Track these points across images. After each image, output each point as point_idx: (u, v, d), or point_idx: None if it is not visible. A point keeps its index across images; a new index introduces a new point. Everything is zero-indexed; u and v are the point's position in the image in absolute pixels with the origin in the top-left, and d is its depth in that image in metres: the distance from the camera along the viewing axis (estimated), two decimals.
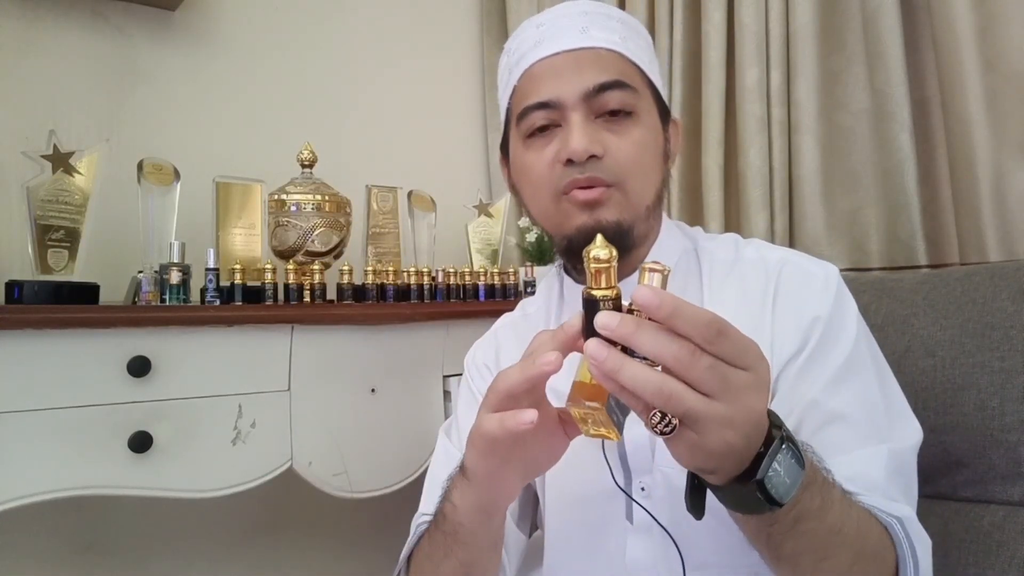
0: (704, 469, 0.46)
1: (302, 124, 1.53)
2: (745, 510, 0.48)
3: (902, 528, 0.58)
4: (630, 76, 0.70)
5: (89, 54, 1.32)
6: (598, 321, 0.43)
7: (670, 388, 0.41)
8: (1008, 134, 1.05)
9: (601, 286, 0.44)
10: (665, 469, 0.67)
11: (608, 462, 0.65)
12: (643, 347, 0.42)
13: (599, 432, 0.47)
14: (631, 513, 0.69)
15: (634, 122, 0.70)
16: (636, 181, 0.69)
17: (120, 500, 1.16)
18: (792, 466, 0.46)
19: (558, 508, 0.74)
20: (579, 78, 0.68)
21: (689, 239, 0.78)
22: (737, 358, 0.43)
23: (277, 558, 1.49)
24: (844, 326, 0.67)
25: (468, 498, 0.59)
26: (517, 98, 0.73)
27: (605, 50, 0.70)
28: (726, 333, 0.42)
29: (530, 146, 0.72)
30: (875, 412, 0.64)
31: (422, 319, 1.27)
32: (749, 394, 0.43)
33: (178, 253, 1.09)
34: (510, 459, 0.55)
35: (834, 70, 1.28)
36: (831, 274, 0.70)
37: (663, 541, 0.64)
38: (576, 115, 0.68)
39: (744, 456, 0.45)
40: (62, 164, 1.05)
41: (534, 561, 0.79)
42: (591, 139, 0.67)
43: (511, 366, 0.51)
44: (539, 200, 0.73)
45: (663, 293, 0.42)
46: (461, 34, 1.86)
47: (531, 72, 0.71)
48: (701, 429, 0.42)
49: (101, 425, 0.96)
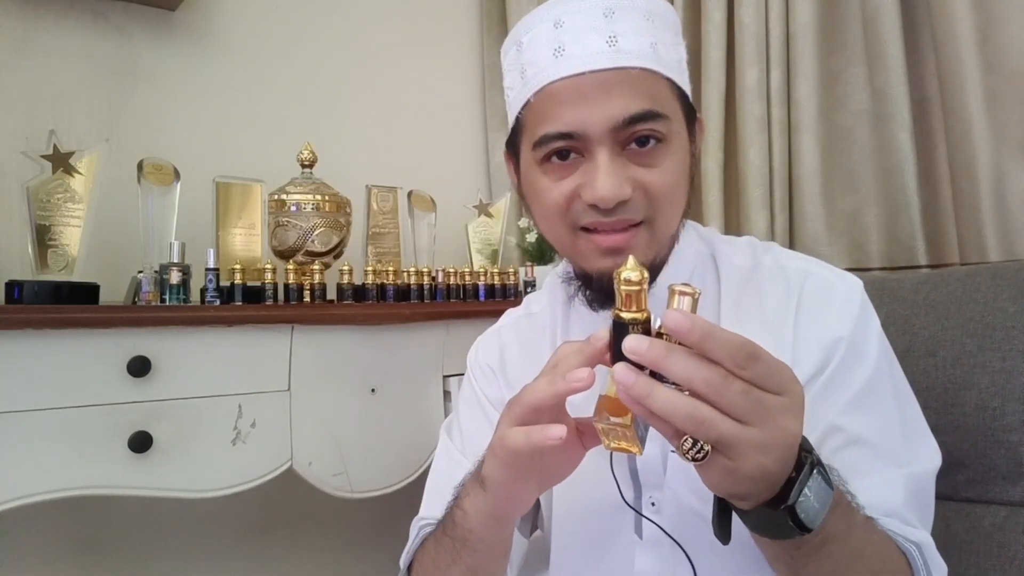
0: (736, 495, 0.46)
1: (302, 124, 1.53)
2: (773, 535, 0.47)
3: (920, 555, 0.58)
4: (661, 99, 0.63)
5: (89, 54, 1.32)
6: (627, 346, 0.42)
7: (702, 414, 0.40)
8: (1008, 134, 1.05)
9: (631, 309, 0.44)
10: (676, 486, 0.65)
11: (616, 478, 0.63)
12: (674, 372, 0.41)
13: (620, 446, 0.47)
14: (640, 527, 0.67)
15: (665, 151, 0.63)
16: (665, 215, 0.64)
17: (120, 500, 1.16)
18: (821, 490, 0.45)
19: (566, 519, 0.73)
20: (606, 107, 0.60)
21: (705, 243, 0.75)
22: (770, 382, 0.42)
23: (277, 558, 1.49)
24: (866, 347, 0.65)
25: (482, 506, 0.58)
26: (533, 117, 0.65)
27: (637, 70, 0.61)
28: (758, 357, 0.42)
29: (546, 172, 0.65)
30: (894, 436, 0.63)
31: (422, 319, 1.27)
32: (784, 417, 0.42)
33: (178, 253, 1.09)
34: (529, 470, 0.54)
35: (834, 70, 1.28)
36: (854, 289, 0.67)
37: (673, 556, 0.63)
38: (602, 152, 0.61)
39: (777, 480, 0.44)
40: (62, 164, 1.05)
41: (537, 564, 0.78)
42: (620, 182, 0.60)
43: (538, 380, 0.50)
44: (553, 227, 0.67)
45: (694, 317, 0.41)
46: (461, 34, 1.86)
47: (550, 91, 0.63)
48: (735, 455, 0.41)
49: (101, 425, 0.96)
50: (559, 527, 0.74)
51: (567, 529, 0.73)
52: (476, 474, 0.59)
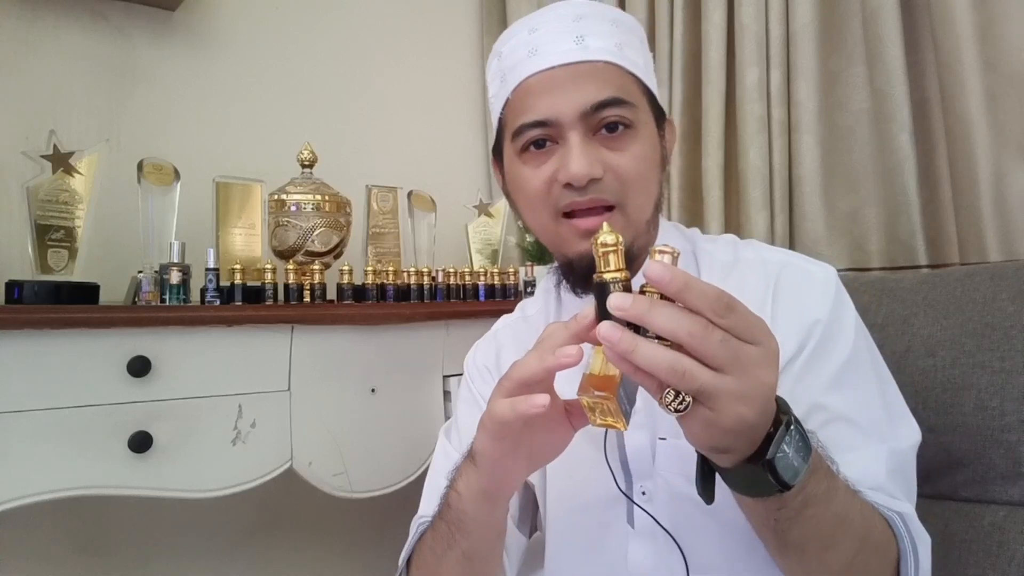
0: (718, 448, 0.47)
1: (302, 124, 1.53)
2: (754, 492, 0.49)
3: (903, 523, 0.59)
4: (628, 90, 0.69)
5: (89, 54, 1.33)
6: (611, 302, 0.43)
7: (684, 365, 0.42)
8: (1008, 134, 1.05)
9: (610, 268, 0.45)
10: (666, 474, 0.67)
11: (610, 466, 0.66)
12: (657, 323, 0.42)
13: (606, 422, 0.48)
14: (632, 517, 0.69)
15: (632, 136, 0.68)
16: (637, 198, 0.68)
17: (120, 500, 1.16)
18: (800, 448, 0.47)
19: (559, 512, 0.74)
20: (576, 95, 0.66)
21: (687, 241, 0.78)
22: (747, 332, 0.43)
23: (277, 558, 1.49)
24: (843, 328, 0.67)
25: (474, 484, 0.59)
26: (511, 112, 0.72)
27: (602, 63, 0.68)
28: (735, 307, 0.43)
29: (526, 161, 0.70)
30: (874, 413, 0.65)
31: (422, 319, 1.27)
32: (760, 368, 0.44)
33: (178, 253, 1.09)
34: (519, 444, 0.55)
35: (834, 70, 1.28)
36: (830, 276, 0.70)
37: (666, 545, 0.64)
38: (574, 135, 0.66)
39: (756, 433, 0.46)
40: (62, 164, 1.05)
41: (534, 563, 0.79)
42: (591, 161, 0.65)
43: (527, 355, 0.52)
44: (537, 217, 0.72)
45: (674, 268, 0.43)
46: (461, 34, 1.86)
47: (526, 86, 0.69)
48: (715, 404, 0.43)
49: (101, 425, 0.96)
50: (554, 522, 0.75)
51: (561, 523, 0.74)
52: (470, 452, 0.60)
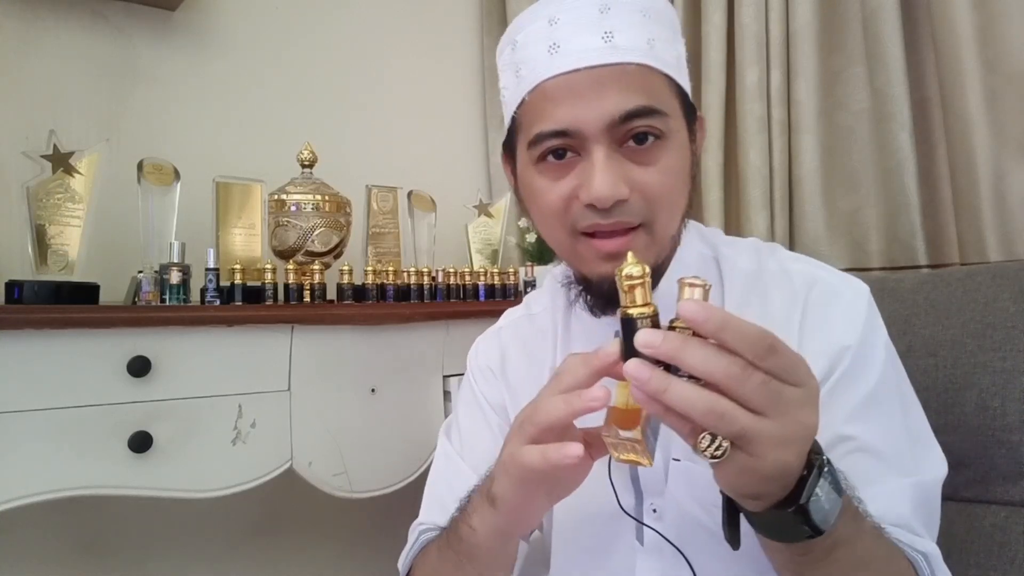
0: (751, 495, 0.44)
1: (302, 124, 1.53)
2: (784, 538, 0.46)
3: (928, 565, 0.57)
4: (659, 95, 0.61)
5: (89, 54, 1.32)
6: (640, 340, 0.41)
7: (723, 407, 0.39)
8: (1008, 134, 1.05)
9: (636, 303, 0.43)
10: (677, 494, 0.65)
11: (614, 485, 0.63)
12: (691, 363, 0.39)
13: (630, 459, 0.46)
14: (641, 534, 0.67)
15: (663, 148, 0.61)
16: (664, 216, 0.62)
17: (120, 500, 1.16)
18: (831, 491, 0.44)
19: (566, 526, 0.72)
20: (601, 103, 0.59)
21: (708, 245, 0.73)
22: (788, 374, 0.41)
23: (277, 558, 1.49)
24: (873, 355, 0.64)
25: (490, 524, 0.57)
26: (528, 116, 0.64)
27: (632, 66, 0.60)
28: (777, 348, 0.40)
29: (543, 172, 0.63)
30: (900, 444, 0.62)
31: (422, 319, 1.27)
32: (803, 410, 0.41)
33: (178, 253, 1.09)
34: (540, 487, 0.54)
35: (834, 70, 1.29)
36: (861, 295, 0.66)
37: (675, 562, 0.62)
38: (599, 149, 0.59)
39: (792, 478, 0.43)
40: (62, 164, 1.05)
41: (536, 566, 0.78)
42: (616, 181, 0.58)
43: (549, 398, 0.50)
44: (551, 230, 0.66)
45: (710, 306, 0.40)
46: (461, 34, 1.86)
47: (544, 89, 0.61)
48: (755, 450, 0.40)
49: (101, 425, 0.96)
50: (560, 532, 0.73)
51: (568, 535, 0.72)
52: (484, 491, 0.58)
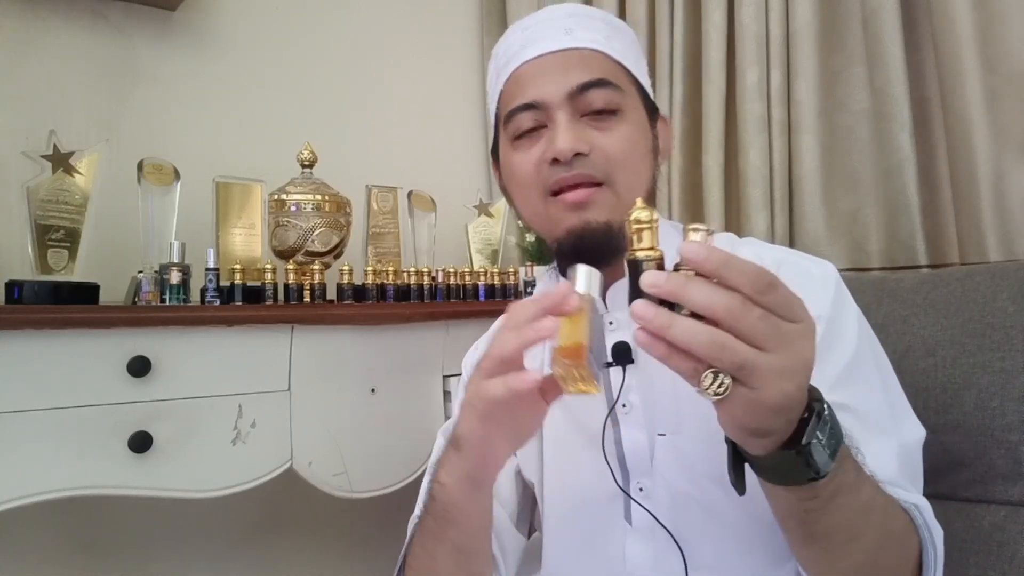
0: (758, 430, 0.45)
1: (302, 124, 1.53)
2: (788, 481, 0.48)
3: (921, 515, 0.59)
4: (615, 75, 0.71)
5: (89, 54, 1.32)
6: (645, 280, 0.42)
7: (723, 339, 0.41)
8: (1008, 134, 1.05)
9: (643, 246, 0.45)
10: (665, 471, 0.67)
11: (609, 463, 0.65)
12: (694, 299, 0.41)
13: (579, 388, 0.48)
14: (630, 515, 0.69)
15: (620, 119, 0.70)
16: (625, 177, 0.70)
17: (120, 500, 1.16)
18: (832, 435, 0.46)
19: (557, 511, 0.74)
20: (563, 78, 0.69)
21: (680, 233, 0.77)
22: (786, 310, 0.42)
23: (277, 558, 1.49)
24: (845, 325, 0.66)
25: (457, 471, 0.59)
26: (504, 101, 0.75)
27: (589, 50, 0.71)
28: (776, 285, 0.42)
29: (518, 148, 0.73)
30: (881, 408, 0.65)
31: (422, 319, 1.27)
32: (801, 343, 0.43)
33: (178, 253, 1.09)
34: (502, 424, 0.55)
35: (834, 70, 1.28)
36: (828, 272, 0.70)
37: (664, 542, 0.64)
38: (561, 115, 0.69)
39: (795, 414, 0.45)
40: (62, 164, 1.05)
41: (533, 563, 0.79)
42: (576, 137, 0.68)
43: (504, 333, 0.52)
44: (528, 202, 0.74)
45: (711, 246, 0.42)
46: (461, 34, 1.86)
47: (517, 75, 0.73)
48: (757, 381, 0.41)
49: (101, 425, 0.96)
50: (552, 521, 0.75)
51: (559, 521, 0.74)
52: (452, 439, 0.59)
